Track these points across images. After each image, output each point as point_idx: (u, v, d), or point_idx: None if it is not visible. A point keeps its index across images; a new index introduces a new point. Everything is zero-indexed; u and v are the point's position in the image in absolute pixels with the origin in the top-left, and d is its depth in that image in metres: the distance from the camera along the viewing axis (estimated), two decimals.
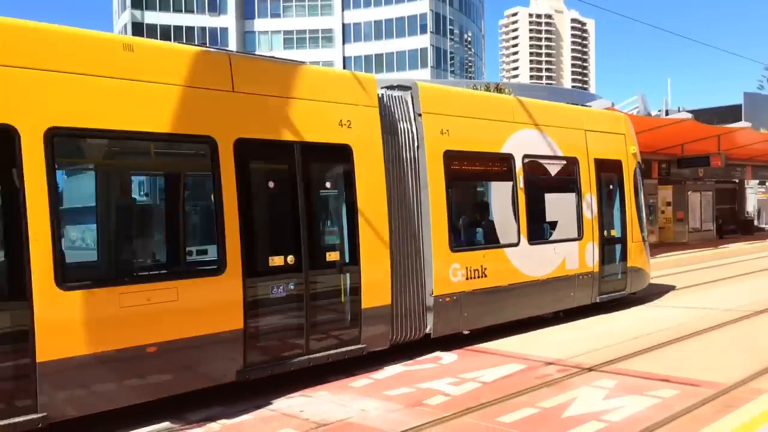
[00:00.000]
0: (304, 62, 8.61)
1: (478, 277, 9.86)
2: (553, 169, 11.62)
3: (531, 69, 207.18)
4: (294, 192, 7.75)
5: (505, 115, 10.78)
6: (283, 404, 7.16)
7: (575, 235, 11.67)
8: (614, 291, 12.56)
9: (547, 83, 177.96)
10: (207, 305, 6.90)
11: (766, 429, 5.11)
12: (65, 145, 6.34)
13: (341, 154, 8.27)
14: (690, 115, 18.53)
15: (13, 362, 5.70)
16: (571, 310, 11.65)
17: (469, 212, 10.85)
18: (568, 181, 11.83)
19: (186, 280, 6.88)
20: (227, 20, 74.22)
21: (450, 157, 9.61)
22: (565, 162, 11.71)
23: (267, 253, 7.56)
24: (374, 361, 8.64)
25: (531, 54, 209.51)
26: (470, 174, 10.96)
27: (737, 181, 34.06)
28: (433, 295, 9.24)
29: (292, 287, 7.59)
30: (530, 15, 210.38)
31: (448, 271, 9.46)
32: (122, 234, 7.49)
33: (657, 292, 14.43)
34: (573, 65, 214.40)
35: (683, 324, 10.99)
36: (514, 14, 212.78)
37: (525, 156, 10.82)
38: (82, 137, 6.58)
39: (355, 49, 75.49)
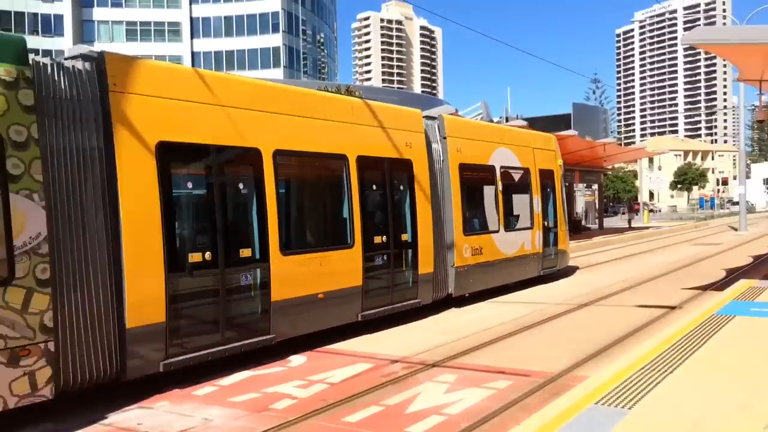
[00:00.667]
0: (388, 104, 12.09)
1: (478, 254, 13.65)
2: (516, 176, 15.59)
3: (383, 73, 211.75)
4: (385, 192, 11.44)
5: (491, 137, 14.95)
6: (118, 417, 6.77)
7: (529, 225, 15.76)
8: (550, 267, 16.84)
9: (398, 87, 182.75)
10: (345, 269, 10.29)
11: (585, 412, 5.57)
12: (282, 161, 9.29)
13: (407, 165, 11.80)
14: (525, 123, 19.88)
15: (259, 302, 8.80)
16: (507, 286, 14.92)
17: (472, 207, 14.05)
18: (525, 185, 15.80)
19: (336, 251, 10.22)
20: (62, 7, 68.75)
21: (462, 167, 13.28)
22: (522, 171, 15.75)
23: (373, 235, 10.94)
24: (221, 367, 8.41)
25: (383, 58, 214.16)
26: (473, 180, 14.10)
27: (567, 184, 37.01)
28: (454, 266, 12.89)
29: (384, 258, 11.21)
30: (381, 20, 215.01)
31: (462, 250, 13.15)
32: (307, 218, 10.86)
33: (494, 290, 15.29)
34: (423, 71, 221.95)
35: (520, 318, 11.74)
36: (366, 18, 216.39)
37: (502, 167, 14.80)
38: (290, 156, 9.60)
39: (205, 44, 72.97)
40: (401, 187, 11.78)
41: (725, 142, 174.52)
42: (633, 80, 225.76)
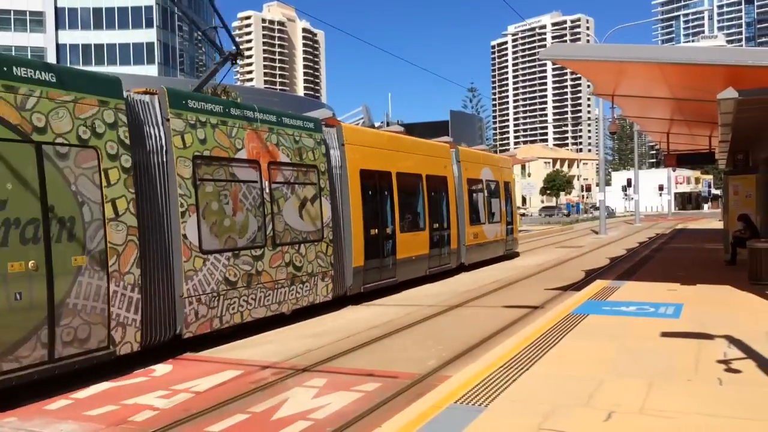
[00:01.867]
0: (438, 142, 20.15)
1: (476, 238, 21.10)
2: (492, 186, 23.22)
3: (266, 74, 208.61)
4: (437, 197, 18.41)
5: (482, 160, 22.99)
6: None
7: (499, 220, 23.63)
8: (510, 249, 24.88)
9: (281, 89, 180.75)
10: (419, 242, 17.20)
11: (444, 411, 5.75)
12: (399, 179, 16.28)
13: (445, 181, 19.17)
14: (402, 129, 20.33)
15: (392, 259, 15.63)
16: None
17: (472, 207, 21.23)
18: (497, 191, 23.64)
19: (417, 232, 17.21)
20: None
21: (469, 181, 20.89)
22: (497, 182, 23.65)
23: (432, 223, 17.88)
24: (76, 380, 7.94)
25: (265, 59, 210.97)
26: (473, 189, 21.40)
27: None
28: (465, 245, 20.27)
29: (437, 238, 18.20)
30: (263, 20, 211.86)
31: (469, 235, 20.54)
32: (408, 212, 17.01)
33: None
34: (305, 73, 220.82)
35: (389, 322, 11.94)
36: (248, 18, 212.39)
37: (486, 180, 22.52)
38: (401, 175, 16.35)
39: (72, 36, 68.56)
40: (443, 194, 19.07)
41: (589, 150, 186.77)
42: (507, 91, 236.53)
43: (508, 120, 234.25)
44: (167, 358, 9.22)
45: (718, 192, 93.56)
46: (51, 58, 64.20)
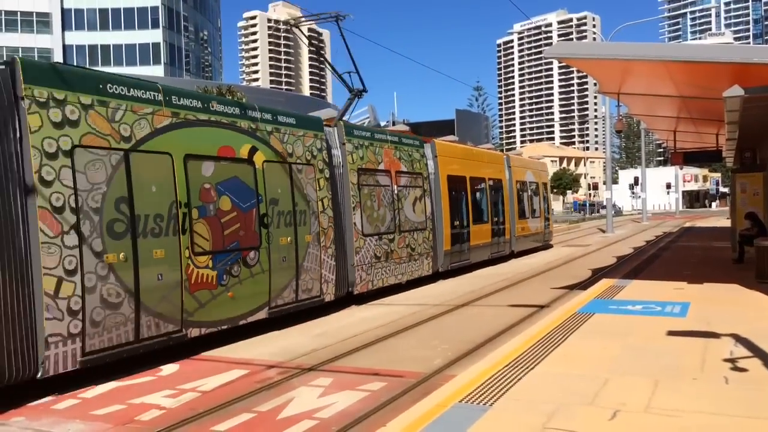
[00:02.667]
0: (493, 151, 25.15)
1: (522, 231, 25.27)
2: (534, 186, 27.28)
3: (271, 74, 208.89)
4: (495, 196, 22.46)
5: (526, 165, 27.30)
6: None
7: (539, 215, 27.67)
8: (547, 241, 28.97)
9: (287, 88, 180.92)
10: (484, 232, 21.22)
11: (449, 410, 5.77)
12: (472, 182, 20.63)
13: (500, 182, 23.04)
14: (407, 128, 20.40)
15: (468, 245, 19.88)
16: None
17: (520, 204, 25.25)
18: (538, 191, 27.57)
19: (482, 224, 21.20)
20: None
21: (516, 182, 24.77)
22: (537, 184, 27.52)
23: (493, 218, 22.07)
24: (84, 380, 7.99)
25: (271, 59, 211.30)
26: (519, 189, 25.31)
27: None
28: (515, 236, 24.31)
29: (495, 230, 22.27)
30: (269, 20, 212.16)
31: (518, 227, 24.57)
32: (476, 208, 20.70)
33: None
34: (311, 73, 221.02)
35: (394, 321, 11.96)
36: (253, 17, 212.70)
37: (529, 182, 26.45)
38: (473, 179, 20.66)
39: (78, 37, 68.83)
40: (500, 194, 23.08)
41: (596, 149, 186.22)
42: (513, 89, 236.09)
43: (514, 118, 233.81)
44: (174, 359, 9.26)
45: (725, 190, 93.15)
46: (58, 58, 64.45)
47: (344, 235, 13.64)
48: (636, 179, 67.54)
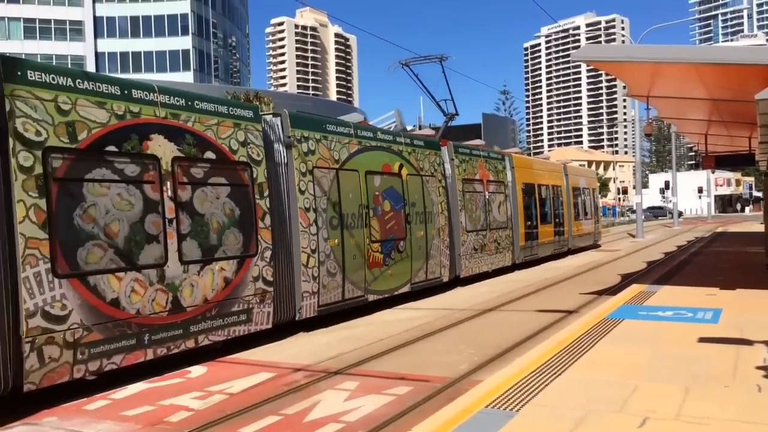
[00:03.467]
0: (552, 162, 30.89)
1: (577, 230, 29.33)
2: (586, 192, 30.69)
3: (299, 79, 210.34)
4: (557, 200, 26.09)
5: (581, 173, 32.19)
6: None
7: (591, 218, 30.96)
8: (596, 241, 32.64)
9: (314, 94, 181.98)
10: (548, 232, 24.99)
11: (475, 415, 5.74)
12: (541, 189, 24.69)
13: (560, 188, 26.66)
14: (433, 132, 20.42)
15: (535, 242, 23.47)
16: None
17: (576, 207, 28.73)
18: (589, 196, 31.03)
19: (547, 225, 24.90)
20: None
21: (572, 188, 28.51)
22: (588, 189, 31.07)
23: (556, 218, 25.87)
24: (115, 380, 8.12)
25: (298, 64, 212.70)
26: (575, 194, 28.75)
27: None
28: (572, 235, 28.16)
29: (557, 229, 25.91)
30: (296, 26, 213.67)
31: (574, 227, 28.63)
32: (544, 211, 24.80)
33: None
34: (338, 78, 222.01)
35: (421, 326, 11.94)
36: (281, 24, 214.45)
37: (582, 188, 30.14)
38: (542, 186, 24.68)
39: (110, 45, 70.13)
40: (560, 198, 26.49)
41: (626, 153, 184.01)
42: (540, 93, 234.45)
43: (541, 122, 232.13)
44: (203, 361, 9.36)
45: (759, 194, 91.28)
46: (90, 66, 65.73)
47: (454, 231, 17.43)
48: (666, 183, 66.55)
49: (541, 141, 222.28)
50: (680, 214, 68.21)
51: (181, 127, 9.31)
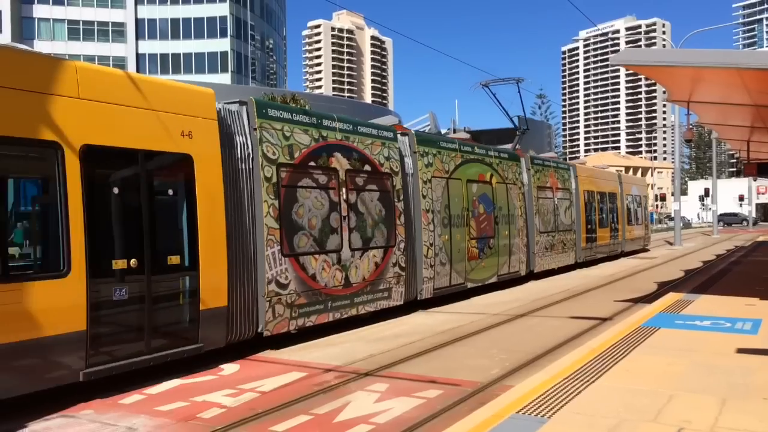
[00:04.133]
0: (605, 170, 32.04)
1: (630, 234, 31.40)
2: (638, 199, 32.63)
3: (334, 81, 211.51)
4: (615, 206, 28.83)
5: (632, 182, 33.59)
6: (38, 426, 6.58)
7: (641, 223, 33.28)
8: (646, 245, 34.82)
9: (349, 96, 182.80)
10: (605, 235, 27.54)
11: (506, 421, 5.70)
12: (594, 194, 26.47)
13: (615, 195, 28.88)
14: (468, 135, 20.48)
15: (594, 244, 25.84)
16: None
17: (629, 212, 30.89)
18: (640, 202, 33.25)
19: (605, 228, 27.27)
20: (0, 2, 66.43)
21: (625, 195, 30.43)
22: (639, 196, 32.63)
23: (612, 222, 28.45)
24: (150, 376, 8.26)
25: (334, 67, 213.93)
26: (628, 200, 30.85)
27: None
28: (625, 239, 30.35)
29: (616, 232, 28.98)
30: (333, 29, 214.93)
31: (627, 232, 30.84)
32: (600, 215, 26.92)
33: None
34: (373, 80, 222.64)
35: (454, 329, 11.90)
36: (317, 26, 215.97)
37: (634, 195, 32.03)
38: (597, 191, 26.99)
39: (150, 46, 71.52)
40: (615, 204, 28.37)
41: (664, 159, 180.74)
42: (578, 97, 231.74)
43: (578, 127, 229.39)
44: (235, 359, 9.47)
45: None
46: (131, 67, 67.06)
47: (530, 232, 19.97)
48: (706, 191, 65.18)
49: (577, 146, 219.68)
50: (688, 224, 66.66)
51: (350, 147, 12.19)
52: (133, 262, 7.99)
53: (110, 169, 8.11)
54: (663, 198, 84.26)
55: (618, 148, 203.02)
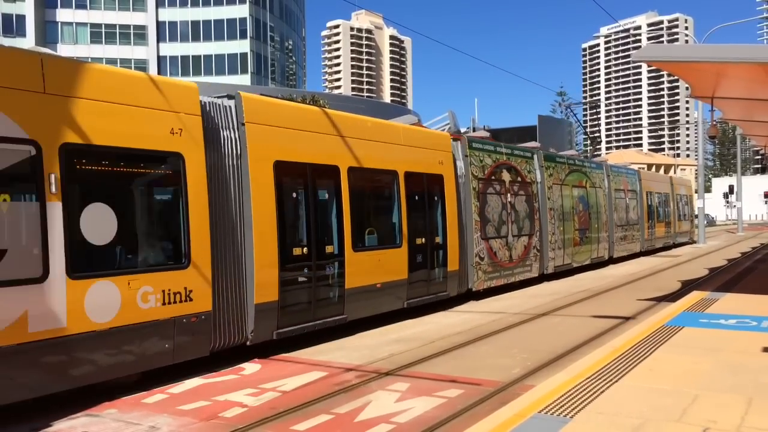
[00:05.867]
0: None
1: (679, 228, 36.75)
2: (685, 198, 37.90)
3: (353, 81, 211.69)
4: (669, 204, 34.30)
5: (680, 182, 38.50)
6: (64, 425, 6.66)
7: (688, 219, 38.65)
8: (691, 238, 38.14)
9: (368, 96, 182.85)
10: (663, 229, 33.22)
11: (528, 420, 5.65)
12: (655, 196, 32.72)
13: (668, 195, 34.72)
14: (487, 134, 20.21)
15: (654, 236, 31.31)
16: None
17: (678, 210, 36.14)
18: (688, 201, 38.08)
19: (662, 223, 32.90)
20: (25, 7, 67.46)
21: (677, 195, 36.05)
22: (687, 196, 37.70)
23: (665, 218, 33.99)
24: (173, 375, 8.33)
25: (353, 67, 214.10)
26: (678, 199, 36.12)
27: None
28: (677, 232, 36.18)
29: (670, 227, 34.51)
30: (351, 29, 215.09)
31: (678, 226, 36.79)
32: (658, 211, 32.62)
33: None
34: (392, 80, 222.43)
35: (474, 329, 11.85)
36: (336, 26, 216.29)
37: (682, 194, 37.14)
38: (649, 194, 31.50)
39: (171, 49, 72.17)
40: (668, 203, 33.46)
41: (687, 156, 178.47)
42: (599, 94, 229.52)
43: (599, 124, 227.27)
44: (257, 358, 9.51)
45: None
46: (152, 69, 67.73)
47: (609, 226, 24.76)
48: (731, 188, 64.22)
49: (599, 143, 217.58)
50: (712, 221, 65.72)
51: (510, 164, 17.57)
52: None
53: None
54: None
55: (640, 145, 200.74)
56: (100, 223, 7.53)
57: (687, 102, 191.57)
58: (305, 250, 10.40)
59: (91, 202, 7.51)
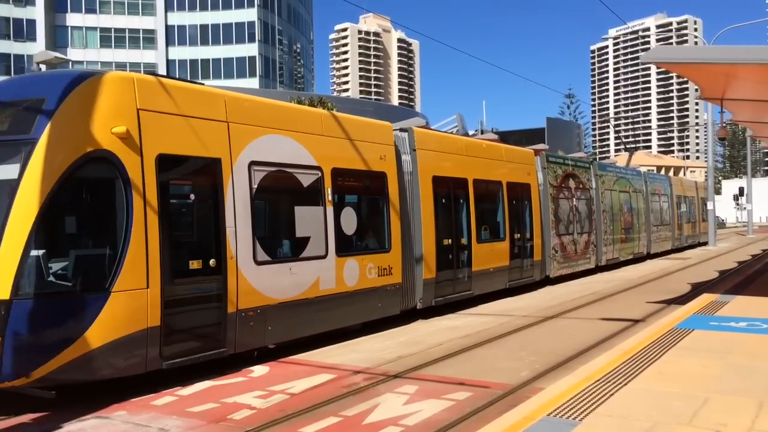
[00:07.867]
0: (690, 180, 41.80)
1: (689, 230, 38.95)
2: (703, 201, 41.01)
3: (361, 84, 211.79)
4: (693, 207, 38.76)
5: (696, 185, 41.48)
6: (74, 427, 6.69)
7: (705, 221, 40.11)
8: (704, 239, 38.92)
9: (376, 99, 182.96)
10: (691, 228, 38.07)
11: (537, 423, 5.63)
12: (685, 199, 37.04)
13: (694, 198, 39.10)
14: (495, 136, 20.44)
15: (683, 234, 35.88)
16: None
17: (694, 212, 39.79)
18: (695, 203, 39.17)
19: (690, 224, 37.96)
20: (35, 12, 67.94)
21: (699, 197, 40.85)
22: (704, 198, 39.99)
23: (689, 221, 38.32)
24: (181, 377, 8.36)
25: (361, 70, 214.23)
26: (684, 201, 37.11)
27: None
28: (698, 233, 40.40)
29: (693, 228, 38.47)
30: (359, 32, 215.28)
31: (696, 228, 40.42)
32: (684, 214, 36.88)
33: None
34: (400, 83, 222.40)
35: (482, 331, 11.83)
36: (344, 30, 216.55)
37: (702, 197, 40.51)
38: (678, 197, 35.74)
39: (180, 52, 72.49)
40: (694, 206, 38.28)
41: (697, 158, 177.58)
42: (607, 96, 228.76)
43: (608, 126, 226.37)
44: (265, 361, 9.53)
45: None
46: (161, 73, 68.05)
47: (647, 226, 28.18)
48: (741, 190, 63.86)
49: (607, 145, 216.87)
50: (722, 223, 65.29)
51: (575, 174, 21.02)
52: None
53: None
54: None
55: (650, 147, 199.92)
56: (349, 221, 11.21)
57: (697, 104, 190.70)
58: (450, 241, 13.76)
59: (344, 207, 11.19)
